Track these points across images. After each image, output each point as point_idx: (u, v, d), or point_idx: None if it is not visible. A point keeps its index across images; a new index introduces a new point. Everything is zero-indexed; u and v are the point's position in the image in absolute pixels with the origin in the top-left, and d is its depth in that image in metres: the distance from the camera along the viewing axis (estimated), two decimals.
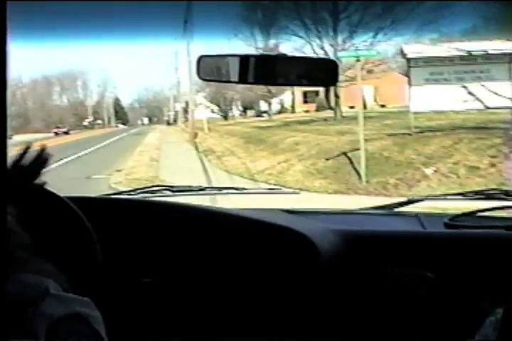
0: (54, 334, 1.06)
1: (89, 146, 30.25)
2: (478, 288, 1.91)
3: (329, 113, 31.11)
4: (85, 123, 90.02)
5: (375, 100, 43.41)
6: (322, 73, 1.74)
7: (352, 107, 29.97)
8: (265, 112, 59.03)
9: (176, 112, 71.26)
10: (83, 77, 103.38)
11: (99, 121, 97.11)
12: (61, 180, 15.23)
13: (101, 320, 1.15)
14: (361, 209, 2.65)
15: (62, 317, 1.09)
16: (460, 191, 2.52)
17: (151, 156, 21.19)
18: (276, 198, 3.03)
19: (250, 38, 34.23)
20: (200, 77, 1.77)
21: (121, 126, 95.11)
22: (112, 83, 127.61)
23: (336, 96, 30.54)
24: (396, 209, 2.51)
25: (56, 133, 61.11)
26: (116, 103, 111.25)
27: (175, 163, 17.75)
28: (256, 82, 1.72)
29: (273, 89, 47.81)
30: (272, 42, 34.31)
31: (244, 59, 1.71)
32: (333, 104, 30.73)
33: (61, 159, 21.75)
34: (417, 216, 2.32)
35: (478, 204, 2.29)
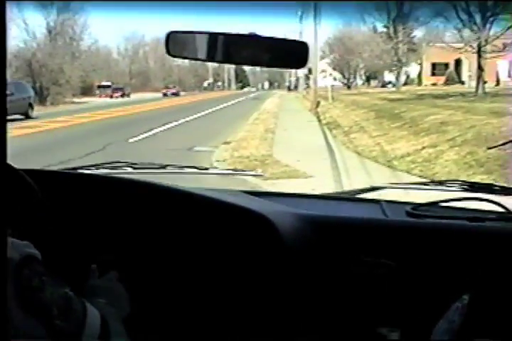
0: (19, 278, 1.10)
1: (201, 110, 28.31)
2: (437, 277, 1.90)
3: (459, 87, 27.83)
4: (205, 84, 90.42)
5: (510, 76, 40.24)
6: (292, 55, 1.70)
7: (485, 82, 27.39)
8: (390, 83, 56.69)
9: (298, 78, 70.03)
10: None
11: (219, 83, 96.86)
12: (156, 150, 13.01)
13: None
14: (324, 194, 2.74)
15: (20, 260, 1.13)
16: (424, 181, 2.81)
17: (266, 126, 18.75)
18: None
19: None
20: (169, 54, 1.72)
21: (245, 89, 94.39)
22: None
23: (480, 68, 27.50)
24: (358, 196, 2.54)
25: (164, 94, 59.27)
26: (238, 66, 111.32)
27: (293, 137, 15.15)
28: (223, 61, 1.73)
29: (404, 58, 45.28)
30: None
31: (212, 37, 1.69)
32: (465, 78, 27.59)
33: (165, 124, 19.71)
34: (379, 203, 2.31)
35: (441, 195, 2.32)
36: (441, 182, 2.51)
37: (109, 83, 55.69)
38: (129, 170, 2.60)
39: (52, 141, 15.47)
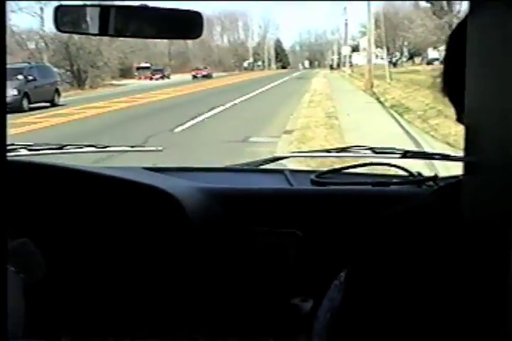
0: None
1: (247, 91, 26.50)
2: (343, 244, 1.72)
3: None
4: (245, 64, 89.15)
5: None
6: (186, 25, 1.70)
7: None
8: (437, 60, 54.63)
9: (340, 56, 68.68)
10: (244, 18, 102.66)
11: (259, 63, 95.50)
12: (207, 143, 10.87)
13: None
14: (227, 166, 2.68)
15: None
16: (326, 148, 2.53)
17: (325, 110, 16.88)
18: None
19: None
20: (59, 29, 1.68)
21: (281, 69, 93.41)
22: (273, 24, 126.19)
23: None
24: (262, 167, 2.52)
25: (194, 77, 54.52)
26: (278, 45, 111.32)
27: (361, 123, 13.17)
28: (116, 35, 1.71)
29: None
30: None
31: (104, 9, 1.64)
32: None
33: (212, 109, 17.84)
34: (283, 173, 2.30)
35: (345, 162, 2.40)
36: (344, 149, 2.45)
37: (148, 64, 54.72)
38: (25, 152, 2.47)
39: (84, 133, 13.21)
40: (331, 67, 74.69)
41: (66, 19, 1.69)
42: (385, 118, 14.55)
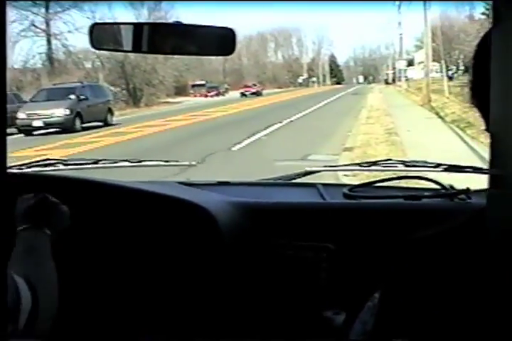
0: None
1: (302, 108, 26.33)
2: (376, 258, 1.81)
3: None
4: (299, 80, 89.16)
5: None
6: (219, 42, 1.69)
7: None
8: None
9: (395, 70, 68.08)
10: (298, 34, 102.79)
11: (313, 79, 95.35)
12: (266, 161, 10.42)
13: None
14: (260, 180, 2.67)
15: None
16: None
17: (384, 126, 16.57)
18: None
19: None
20: (94, 46, 1.71)
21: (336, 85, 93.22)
22: (327, 40, 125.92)
23: None
24: (294, 181, 2.53)
25: (243, 95, 51.25)
26: (332, 60, 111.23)
27: (423, 140, 12.78)
28: (150, 51, 1.73)
29: None
30: None
31: (138, 27, 1.68)
32: None
33: (268, 126, 17.61)
34: (315, 187, 2.32)
35: (376, 175, 2.36)
36: (376, 162, 2.44)
37: (203, 82, 55.09)
38: (61, 166, 2.54)
39: (141, 152, 13.20)
40: (386, 82, 74.14)
41: (101, 36, 1.72)
42: (447, 134, 14.13)
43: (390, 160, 2.45)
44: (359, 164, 2.51)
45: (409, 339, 0.95)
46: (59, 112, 21.11)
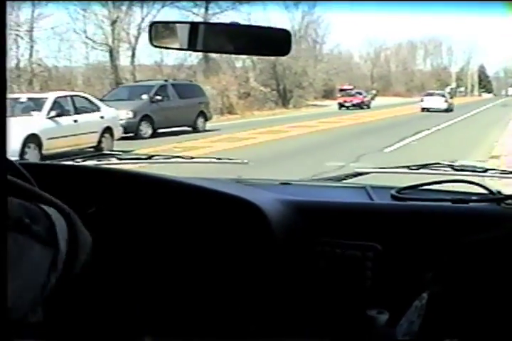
0: None
1: (450, 118, 26.43)
2: (422, 260, 1.89)
3: None
4: (447, 90, 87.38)
5: None
6: (274, 42, 1.71)
7: None
8: None
9: None
10: (448, 42, 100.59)
11: (461, 89, 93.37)
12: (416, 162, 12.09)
13: None
14: (309, 180, 2.89)
15: None
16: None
17: None
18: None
19: None
20: (152, 44, 1.75)
21: (484, 95, 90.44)
22: (478, 50, 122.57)
23: None
24: (344, 181, 2.60)
25: (341, 106, 39.44)
26: (481, 71, 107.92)
27: None
28: (205, 50, 1.78)
29: None
30: None
31: (194, 26, 1.71)
32: None
33: (416, 133, 18.25)
34: (364, 188, 2.35)
35: (425, 178, 2.36)
36: (424, 165, 2.53)
37: (350, 87, 55.27)
38: (115, 160, 2.63)
39: (296, 150, 14.56)
40: None
41: (159, 35, 1.75)
42: None
43: (438, 163, 2.52)
44: (408, 167, 2.57)
45: (459, 339, 0.96)
46: (122, 115, 16.87)
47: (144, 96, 18.84)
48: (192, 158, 2.84)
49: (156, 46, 1.76)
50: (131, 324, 2.03)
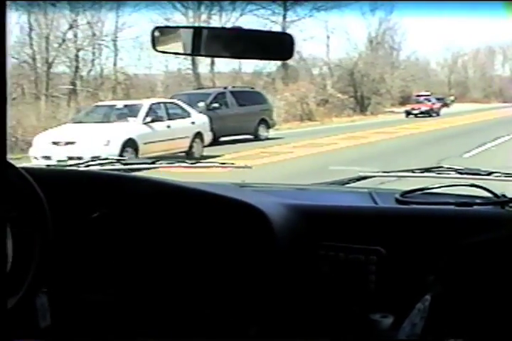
0: None
1: None
2: (427, 264, 1.88)
3: None
4: None
5: None
6: (277, 47, 1.70)
7: None
8: None
9: None
10: None
11: None
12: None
13: None
14: (313, 184, 2.75)
15: None
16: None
17: None
18: None
19: None
20: (155, 49, 1.74)
21: None
22: None
23: None
24: (348, 185, 2.59)
25: (408, 113, 37.82)
26: None
27: None
28: (208, 55, 1.76)
29: None
30: None
31: (197, 31, 1.71)
32: None
33: (496, 138, 18.51)
34: (368, 192, 2.35)
35: (429, 181, 2.36)
36: (429, 169, 2.53)
37: (428, 93, 54.66)
38: (119, 165, 2.65)
39: (374, 155, 15.13)
40: None
41: (163, 40, 1.74)
42: None
43: (442, 167, 2.52)
44: (412, 170, 2.57)
45: (463, 340, 0.98)
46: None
47: (201, 104, 18.24)
48: (196, 162, 2.91)
49: (159, 51, 1.76)
50: (135, 326, 2.06)
